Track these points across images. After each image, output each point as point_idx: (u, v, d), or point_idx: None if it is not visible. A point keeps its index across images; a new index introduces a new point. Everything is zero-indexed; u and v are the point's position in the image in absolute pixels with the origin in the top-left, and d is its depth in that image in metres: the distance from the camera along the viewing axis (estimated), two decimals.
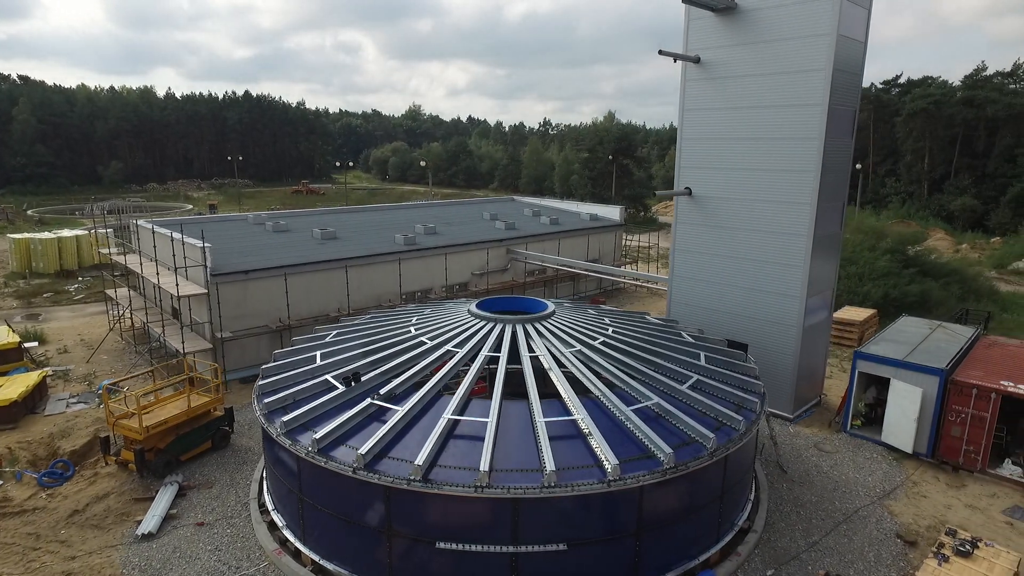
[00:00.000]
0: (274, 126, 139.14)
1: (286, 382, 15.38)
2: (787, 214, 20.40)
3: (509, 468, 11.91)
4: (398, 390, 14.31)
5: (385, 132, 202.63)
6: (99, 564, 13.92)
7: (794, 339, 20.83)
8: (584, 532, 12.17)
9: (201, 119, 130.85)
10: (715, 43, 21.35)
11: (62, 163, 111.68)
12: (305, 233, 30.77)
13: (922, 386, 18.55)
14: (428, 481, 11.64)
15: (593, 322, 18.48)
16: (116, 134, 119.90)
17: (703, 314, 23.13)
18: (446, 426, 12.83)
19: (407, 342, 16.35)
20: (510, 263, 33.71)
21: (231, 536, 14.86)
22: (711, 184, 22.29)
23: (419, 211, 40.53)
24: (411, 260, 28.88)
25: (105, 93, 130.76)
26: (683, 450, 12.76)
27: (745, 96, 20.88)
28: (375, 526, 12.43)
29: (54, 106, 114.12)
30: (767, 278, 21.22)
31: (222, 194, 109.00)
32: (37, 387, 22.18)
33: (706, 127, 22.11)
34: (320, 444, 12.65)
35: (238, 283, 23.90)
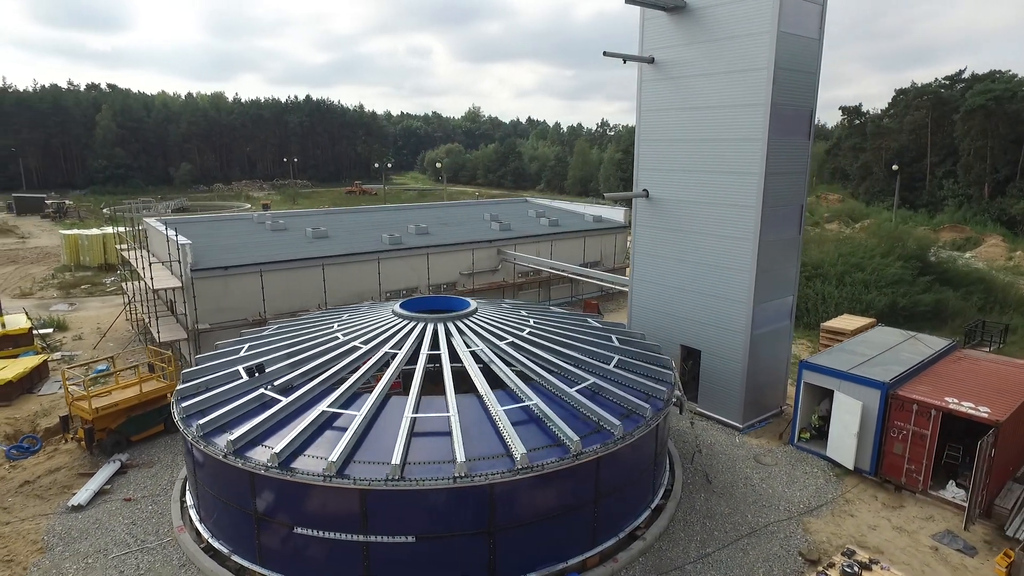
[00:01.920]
0: (333, 129, 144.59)
1: (200, 375, 16.34)
2: (733, 217, 19.86)
3: (364, 460, 12.38)
4: (300, 385, 15.01)
5: (444, 134, 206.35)
6: (27, 530, 15.33)
7: (742, 345, 20.23)
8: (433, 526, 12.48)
9: (265, 123, 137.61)
10: (668, 43, 21.02)
11: (138, 165, 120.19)
12: (300, 232, 32.16)
13: (863, 399, 17.66)
14: (285, 468, 12.24)
15: (513, 319, 18.64)
16: (188, 137, 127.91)
17: (660, 318, 22.78)
18: (321, 417, 13.43)
19: (328, 343, 16.95)
20: (500, 264, 34.02)
21: (149, 513, 15.99)
22: (666, 186, 21.94)
23: (423, 212, 41.42)
24: (393, 260, 29.71)
25: (179, 99, 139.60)
26: (545, 451, 12.82)
27: (695, 96, 20.47)
28: (243, 509, 13.16)
29: (133, 112, 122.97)
30: (716, 282, 20.71)
31: (280, 194, 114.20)
32: (37, 369, 24.34)
33: (662, 128, 21.79)
34: (204, 430, 13.51)
35: (218, 278, 25.36)
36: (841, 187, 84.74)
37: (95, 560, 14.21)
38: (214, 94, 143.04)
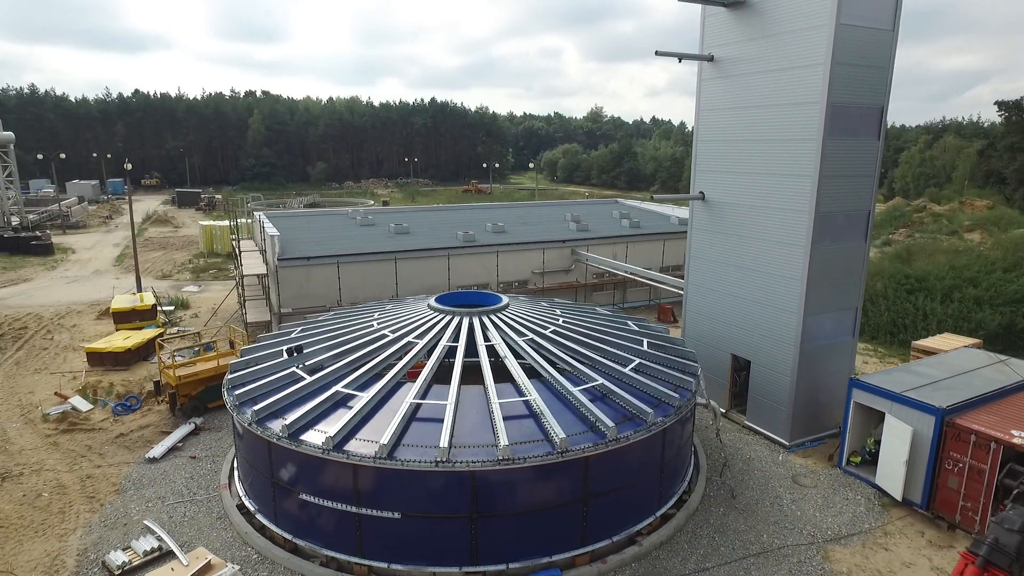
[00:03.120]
0: (455, 130, 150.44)
1: (250, 364, 18.14)
2: (784, 222, 18.81)
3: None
4: (326, 367, 16.39)
5: (565, 134, 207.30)
6: (111, 474, 18.04)
7: (791, 358, 19.08)
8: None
9: (393, 124, 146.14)
10: (727, 40, 20.26)
11: (281, 164, 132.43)
12: (384, 228, 34.32)
13: (915, 425, 16.08)
14: (294, 440, 13.55)
15: (544, 316, 18.92)
16: (324, 138, 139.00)
17: (713, 325, 22.00)
18: (334, 396, 14.66)
19: (362, 332, 18.19)
20: (574, 264, 34.13)
21: (206, 470, 18.18)
22: (721, 188, 21.16)
23: (508, 211, 42.41)
24: (463, 256, 30.89)
25: (320, 103, 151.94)
26: (532, 445, 13.12)
27: (751, 95, 19.59)
28: (264, 474, 14.67)
29: (279, 116, 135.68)
30: (766, 290, 19.70)
31: (401, 191, 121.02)
32: (153, 340, 28.14)
33: (718, 128, 21.05)
34: (238, 400, 15.23)
35: (300, 268, 27.87)
36: (996, 192, 74.99)
37: (154, 504, 16.48)
38: (351, 98, 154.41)
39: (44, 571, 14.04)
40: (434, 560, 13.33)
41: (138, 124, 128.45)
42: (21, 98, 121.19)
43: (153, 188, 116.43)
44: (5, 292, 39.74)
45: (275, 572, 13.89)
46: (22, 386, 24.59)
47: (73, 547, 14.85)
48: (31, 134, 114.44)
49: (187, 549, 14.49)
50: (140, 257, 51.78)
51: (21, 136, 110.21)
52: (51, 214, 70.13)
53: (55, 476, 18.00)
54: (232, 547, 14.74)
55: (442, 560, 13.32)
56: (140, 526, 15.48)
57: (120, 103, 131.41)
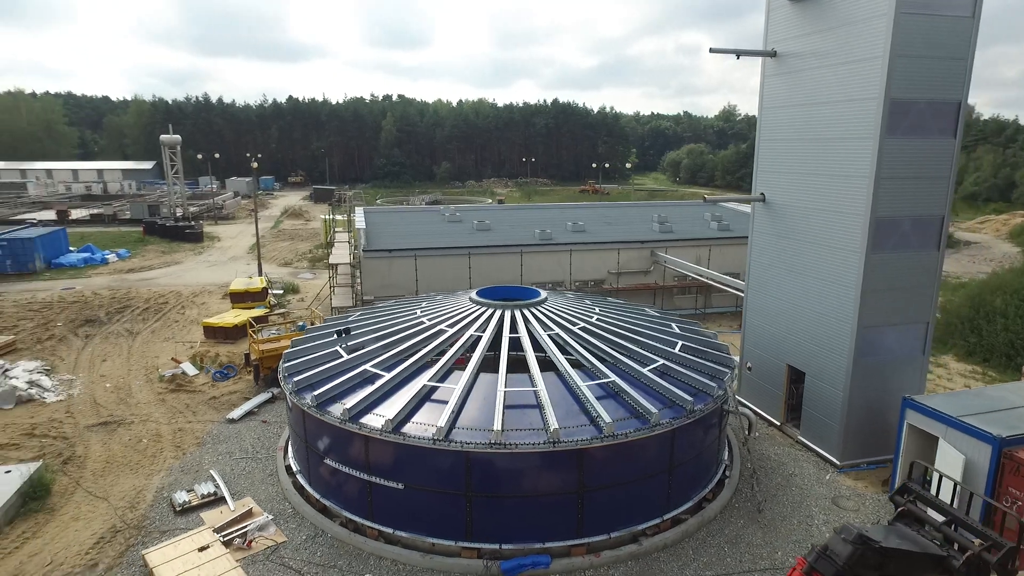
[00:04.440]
0: (575, 130, 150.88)
1: (304, 353, 20.00)
2: (839, 226, 17.70)
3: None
4: (377, 355, 17.89)
5: (694, 134, 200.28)
6: (197, 430, 20.90)
7: (844, 371, 17.91)
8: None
9: (515, 125, 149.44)
10: (790, 33, 19.34)
11: (409, 163, 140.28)
12: (469, 224, 35.91)
13: (969, 453, 14.58)
14: (321, 409, 15.13)
15: (580, 311, 19.22)
16: (450, 139, 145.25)
17: (770, 333, 21.08)
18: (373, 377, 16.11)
19: (407, 322, 19.48)
20: (652, 265, 33.64)
21: (272, 434, 20.50)
22: (781, 190, 20.24)
23: (594, 210, 42.45)
24: (537, 254, 31.63)
25: (449, 105, 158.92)
26: (527, 433, 13.69)
27: (810, 91, 18.60)
28: (302, 439, 16.44)
29: (410, 118, 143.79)
30: (821, 298, 18.62)
31: (519, 191, 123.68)
32: (257, 319, 31.71)
33: (779, 127, 20.15)
34: (286, 371, 17.15)
35: (383, 259, 30.10)
36: None
37: (223, 458, 18.95)
38: (477, 100, 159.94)
39: (129, 501, 16.77)
40: (433, 531, 14.30)
41: (288, 127, 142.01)
42: (195, 105, 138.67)
43: (297, 185, 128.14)
44: (158, 272, 46.30)
45: (303, 526, 15.57)
46: (152, 351, 28.86)
47: (154, 485, 17.56)
48: (202, 136, 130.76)
49: (237, 498, 16.65)
50: (270, 246, 57.86)
51: (194, 138, 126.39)
52: (208, 207, 79.93)
53: (156, 427, 21.19)
54: (274, 501, 16.67)
55: (440, 532, 14.26)
56: (206, 474, 17.93)
57: (274, 108, 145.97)
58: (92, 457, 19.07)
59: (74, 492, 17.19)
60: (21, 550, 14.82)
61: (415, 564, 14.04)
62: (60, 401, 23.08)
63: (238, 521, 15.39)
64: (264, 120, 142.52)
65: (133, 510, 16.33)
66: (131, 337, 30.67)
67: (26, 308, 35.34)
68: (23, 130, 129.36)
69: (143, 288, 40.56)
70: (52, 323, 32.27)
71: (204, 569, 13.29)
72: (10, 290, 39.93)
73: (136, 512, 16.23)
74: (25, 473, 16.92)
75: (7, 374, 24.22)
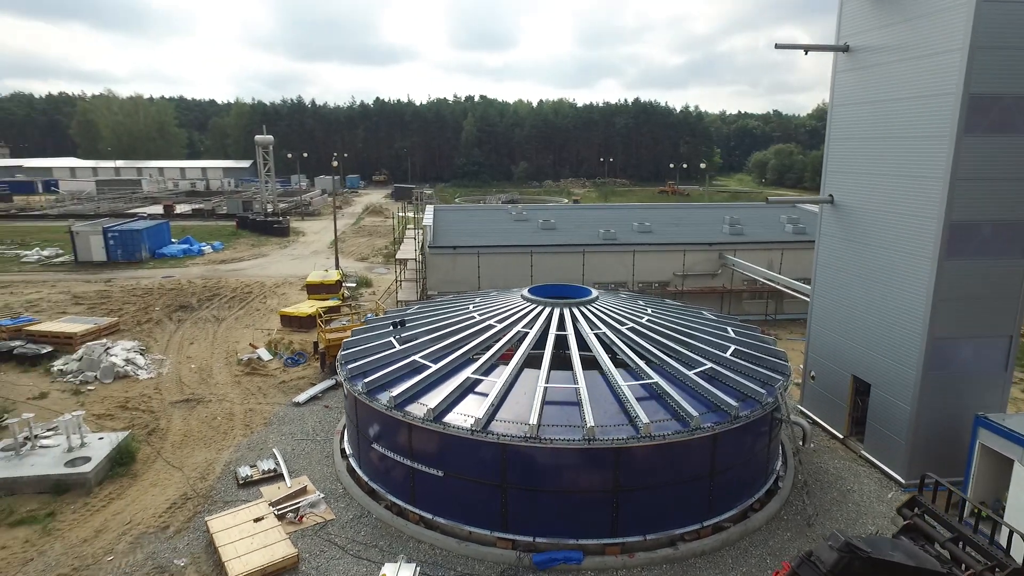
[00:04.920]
0: (656, 130, 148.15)
1: (361, 343, 20.87)
2: (911, 229, 16.69)
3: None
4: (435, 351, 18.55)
5: (784, 133, 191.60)
6: (266, 411, 22.34)
7: (912, 384, 16.87)
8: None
9: (595, 125, 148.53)
10: (864, 26, 18.40)
11: (488, 163, 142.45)
12: (535, 223, 36.20)
13: None
14: (370, 396, 15.87)
15: (631, 311, 19.08)
16: (528, 139, 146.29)
17: (836, 342, 20.13)
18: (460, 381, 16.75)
19: (459, 317, 20.03)
20: (720, 268, 32.69)
21: (332, 418, 21.60)
22: (851, 191, 19.29)
23: (664, 212, 41.64)
24: (599, 254, 31.49)
25: (529, 106, 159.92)
26: (563, 429, 13.82)
27: (885, 87, 17.62)
28: (355, 424, 17.28)
29: (490, 118, 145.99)
30: (890, 306, 17.62)
31: (596, 191, 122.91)
32: (330, 309, 33.37)
33: (851, 125, 19.20)
34: (342, 359, 18.07)
35: (447, 255, 30.92)
36: None
37: (285, 438, 20.18)
38: (557, 100, 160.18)
39: (200, 472, 18.21)
40: (470, 520, 14.69)
41: (374, 127, 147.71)
42: (289, 107, 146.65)
43: (381, 183, 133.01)
44: (246, 264, 49.50)
45: (351, 506, 16.39)
46: (233, 336, 31.00)
47: (223, 459, 18.96)
48: (295, 136, 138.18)
49: (294, 476, 17.72)
50: (350, 242, 60.51)
51: (288, 138, 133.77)
52: (296, 203, 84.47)
53: (230, 406, 22.81)
54: (327, 480, 17.62)
55: (477, 521, 14.62)
56: (269, 452, 19.17)
57: (362, 109, 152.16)
58: (173, 430, 20.80)
59: (155, 461, 18.85)
60: (107, 508, 16.44)
61: (451, 550, 14.48)
62: (151, 379, 25.27)
63: (293, 497, 16.39)
64: (352, 121, 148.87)
65: (203, 480, 17.73)
66: (217, 323, 33.04)
67: (131, 293, 38.80)
68: (141, 131, 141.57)
69: (232, 278, 43.53)
70: (151, 308, 35.28)
71: (256, 539, 14.28)
72: (119, 276, 43.93)
73: (205, 483, 17.61)
74: (114, 441, 18.72)
75: (109, 352, 26.74)
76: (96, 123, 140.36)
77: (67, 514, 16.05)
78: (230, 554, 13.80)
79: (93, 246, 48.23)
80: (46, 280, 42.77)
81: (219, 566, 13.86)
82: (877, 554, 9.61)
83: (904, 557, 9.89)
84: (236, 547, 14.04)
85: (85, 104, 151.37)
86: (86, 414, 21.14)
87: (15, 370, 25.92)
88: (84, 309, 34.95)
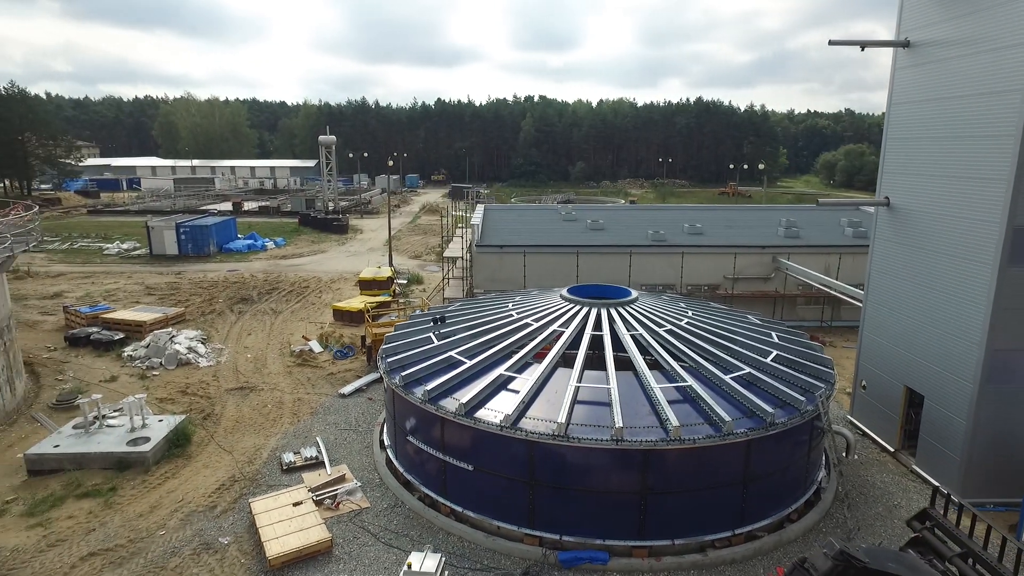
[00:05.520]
0: (718, 129, 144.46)
1: (402, 338, 21.34)
2: (972, 234, 15.81)
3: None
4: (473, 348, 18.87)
5: (856, 133, 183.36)
6: (314, 401, 23.22)
7: (968, 398, 15.97)
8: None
9: (654, 125, 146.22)
10: (927, 20, 17.53)
11: (546, 163, 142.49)
12: (583, 223, 36.07)
13: None
14: (407, 390, 16.29)
15: (671, 312, 18.82)
16: (586, 139, 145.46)
17: (889, 351, 19.29)
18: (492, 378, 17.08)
19: (497, 315, 20.24)
20: (774, 272, 31.71)
21: (375, 410, 22.24)
22: (908, 193, 18.43)
23: (716, 213, 40.64)
24: (646, 255, 31.07)
25: (588, 105, 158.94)
26: (591, 429, 13.83)
27: (948, 84, 16.75)
28: (392, 417, 17.76)
29: (548, 118, 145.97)
30: (948, 314, 16.73)
31: (654, 191, 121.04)
32: (379, 304, 34.29)
33: (911, 124, 18.34)
34: (390, 366, 18.59)
35: (494, 254, 31.23)
36: None
37: (329, 427, 20.94)
38: (616, 100, 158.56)
39: (248, 456, 19.13)
40: (499, 515, 14.87)
41: (434, 127, 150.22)
42: (354, 108, 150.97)
43: (440, 183, 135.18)
44: (305, 259, 51.39)
45: (385, 496, 16.87)
46: (288, 329, 32.30)
47: (270, 445, 19.85)
48: (359, 137, 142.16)
49: (334, 464, 18.38)
50: (405, 240, 61.85)
51: (352, 139, 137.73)
52: (356, 202, 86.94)
53: (280, 395, 23.83)
54: (365, 470, 18.18)
55: (505, 517, 14.79)
56: (313, 440, 19.93)
57: (423, 110, 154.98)
58: (226, 416, 21.91)
59: (208, 444, 19.92)
60: (162, 486, 17.52)
61: (479, 544, 14.70)
62: (210, 366, 26.67)
63: (331, 484, 17.01)
64: (413, 121, 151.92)
65: (250, 464, 18.62)
66: (274, 315, 34.49)
67: (198, 285, 40.98)
68: (216, 132, 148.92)
69: (291, 273, 45.30)
70: (215, 299, 37.15)
71: (294, 522, 14.91)
72: (189, 269, 46.45)
73: (252, 467, 18.49)
74: (172, 423, 19.90)
75: (173, 340, 28.38)
76: (176, 124, 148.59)
77: (127, 489, 17.20)
78: (269, 535, 14.47)
79: (166, 240, 51.18)
80: (124, 271, 45.71)
81: (259, 546, 14.56)
82: (873, 564, 9.28)
83: (905, 570, 9.46)
84: (275, 528, 14.71)
85: (167, 107, 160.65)
86: (149, 397, 22.56)
87: (91, 354, 27.87)
88: (155, 299, 37.18)
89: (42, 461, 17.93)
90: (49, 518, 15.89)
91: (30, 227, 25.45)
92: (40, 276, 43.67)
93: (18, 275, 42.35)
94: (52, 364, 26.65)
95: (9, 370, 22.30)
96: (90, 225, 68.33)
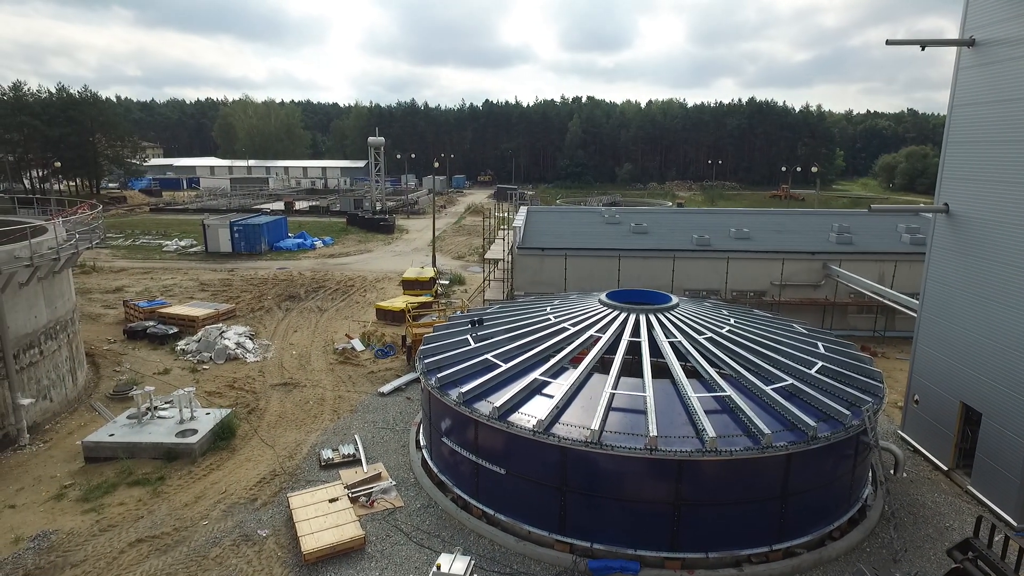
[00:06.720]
0: (771, 131, 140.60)
1: (440, 339, 21.43)
2: None
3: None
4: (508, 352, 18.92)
5: (918, 134, 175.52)
6: (355, 398, 23.66)
7: None
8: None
9: (704, 126, 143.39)
10: (996, 17, 16.61)
11: (592, 164, 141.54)
12: (627, 227, 35.65)
13: None
14: (442, 392, 16.42)
15: (712, 319, 18.40)
16: (634, 140, 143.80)
17: (945, 365, 18.39)
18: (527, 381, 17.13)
19: (534, 318, 20.16)
20: (824, 279, 30.63)
21: (413, 410, 22.49)
22: (970, 200, 17.51)
23: (765, 217, 39.49)
24: (690, 260, 30.47)
25: (637, 106, 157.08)
26: (625, 437, 13.65)
27: (1018, 84, 15.83)
28: (428, 417, 17.92)
29: (595, 119, 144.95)
30: (1009, 328, 15.84)
31: (703, 194, 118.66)
32: (421, 305, 34.68)
33: (976, 126, 17.43)
34: (427, 367, 18.78)
35: (535, 256, 31.19)
36: None
37: (366, 425, 21.30)
38: (666, 101, 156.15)
39: (289, 451, 19.63)
40: (530, 520, 14.83)
41: (482, 128, 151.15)
42: (403, 110, 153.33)
43: (486, 184, 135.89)
44: (352, 259, 52.46)
45: (419, 495, 17.04)
46: (333, 327, 33.02)
47: (310, 440, 20.33)
48: (407, 138, 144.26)
49: (371, 462, 18.67)
50: (449, 240, 62.44)
51: (401, 140, 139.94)
52: (403, 202, 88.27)
53: (322, 392, 24.37)
54: (401, 469, 18.41)
55: (536, 522, 14.74)
56: (351, 438, 20.30)
57: (471, 111, 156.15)
58: (270, 411, 22.54)
59: (251, 438, 20.53)
60: (207, 477, 18.14)
61: (509, 547, 14.69)
62: (256, 362, 27.50)
63: (367, 482, 17.29)
64: (461, 122, 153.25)
65: (291, 460, 19.10)
66: (320, 313, 35.32)
67: (248, 283, 42.34)
68: (271, 133, 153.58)
69: (337, 272, 46.31)
70: (264, 296, 38.32)
71: (329, 518, 15.22)
72: (240, 267, 48.05)
73: (292, 462, 18.96)
74: (218, 416, 20.59)
75: (223, 335, 29.39)
76: (234, 126, 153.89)
77: (174, 479, 17.89)
78: (305, 530, 14.81)
79: (221, 238, 53.08)
80: (180, 268, 47.64)
81: (295, 540, 14.91)
82: None
83: None
84: (311, 524, 15.05)
85: (226, 108, 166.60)
86: (198, 390, 23.41)
87: (147, 347, 29.13)
88: (208, 295, 38.59)
89: (98, 449, 18.82)
90: (102, 504, 16.67)
91: (94, 225, 26.77)
92: (104, 271, 45.93)
93: (84, 270, 44.65)
94: (111, 356, 27.97)
95: (72, 361, 23.51)
96: (151, 223, 71.47)
